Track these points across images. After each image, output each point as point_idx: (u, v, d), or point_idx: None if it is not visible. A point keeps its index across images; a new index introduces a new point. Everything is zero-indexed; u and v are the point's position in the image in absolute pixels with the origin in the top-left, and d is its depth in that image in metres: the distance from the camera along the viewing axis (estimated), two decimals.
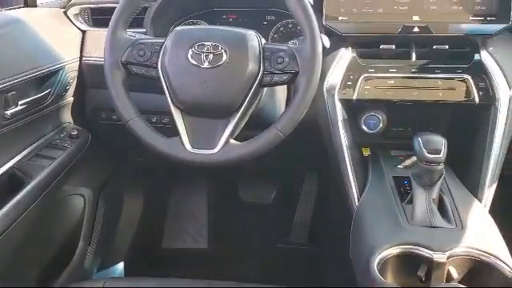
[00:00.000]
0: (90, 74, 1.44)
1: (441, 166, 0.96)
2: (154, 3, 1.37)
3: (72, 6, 1.49)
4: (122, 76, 1.06)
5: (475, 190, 1.11)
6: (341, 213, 1.23)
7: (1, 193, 1.14)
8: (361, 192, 1.14)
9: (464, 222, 0.96)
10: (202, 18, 1.50)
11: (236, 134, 1.04)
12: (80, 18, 1.49)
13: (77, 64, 1.42)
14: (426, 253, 0.89)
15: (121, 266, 1.78)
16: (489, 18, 1.14)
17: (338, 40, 1.21)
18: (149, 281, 1.20)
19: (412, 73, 1.17)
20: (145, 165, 1.86)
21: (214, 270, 1.78)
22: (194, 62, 1.01)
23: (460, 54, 1.18)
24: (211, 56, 1.00)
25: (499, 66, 1.14)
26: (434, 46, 1.18)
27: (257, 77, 1.01)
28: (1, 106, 1.14)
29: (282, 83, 1.03)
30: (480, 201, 1.09)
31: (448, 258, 0.88)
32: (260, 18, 1.48)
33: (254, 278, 1.69)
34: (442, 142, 0.96)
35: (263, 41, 1.05)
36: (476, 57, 1.16)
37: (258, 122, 1.07)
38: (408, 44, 1.19)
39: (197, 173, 2.01)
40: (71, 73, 1.39)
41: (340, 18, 1.19)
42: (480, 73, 1.14)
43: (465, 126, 1.21)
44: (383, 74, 1.18)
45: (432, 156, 0.95)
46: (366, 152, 1.27)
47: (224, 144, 1.01)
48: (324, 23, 1.19)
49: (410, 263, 0.90)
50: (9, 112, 1.15)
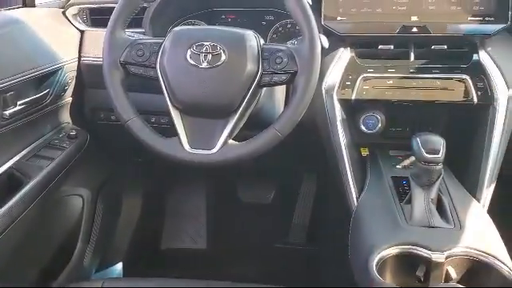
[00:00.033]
0: (88, 74, 1.44)
1: (439, 166, 0.96)
2: (152, 3, 1.37)
3: (70, 6, 1.48)
4: (121, 76, 1.06)
5: (474, 190, 1.11)
6: (339, 213, 1.23)
7: None
8: (359, 192, 1.14)
9: (462, 222, 0.96)
10: (201, 18, 1.50)
11: (235, 134, 1.04)
12: (78, 18, 1.49)
13: (75, 64, 1.42)
14: (424, 253, 0.89)
15: (119, 267, 1.78)
16: (487, 19, 1.14)
17: (337, 40, 1.21)
18: (147, 281, 1.20)
19: (410, 73, 1.17)
20: (143, 165, 1.85)
21: (212, 270, 1.78)
22: (192, 62, 1.01)
23: (458, 54, 1.18)
24: (210, 56, 1.00)
25: (497, 66, 1.14)
26: (432, 46, 1.18)
27: (255, 77, 1.01)
28: None
29: (281, 83, 1.03)
30: (478, 201, 1.09)
31: (446, 258, 0.88)
32: (259, 18, 1.48)
33: (252, 278, 1.69)
34: (440, 142, 0.96)
35: (262, 41, 1.05)
36: (474, 57, 1.16)
37: (256, 122, 1.07)
38: (406, 44, 1.19)
39: (195, 173, 2.01)
40: (70, 73, 1.39)
41: (339, 18, 1.19)
42: (478, 73, 1.14)
43: (463, 126, 1.21)
44: (382, 74, 1.18)
45: (430, 156, 0.95)
46: (365, 152, 1.27)
47: (223, 144, 1.01)
48: (323, 23, 1.19)
49: (408, 263, 0.90)
50: (7, 112, 1.15)
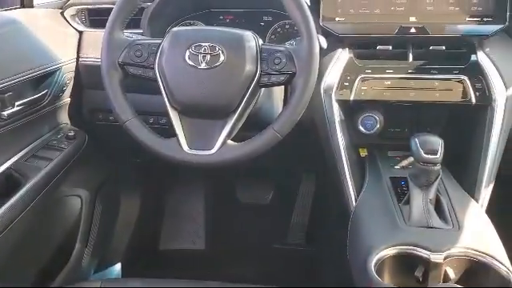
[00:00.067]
0: (86, 75, 1.44)
1: (438, 167, 0.96)
2: (150, 4, 1.37)
3: (69, 6, 1.48)
4: (119, 77, 1.06)
5: (472, 191, 1.11)
6: (338, 213, 1.23)
7: None
8: (358, 192, 1.14)
9: (461, 223, 0.96)
10: (199, 18, 1.50)
11: (233, 134, 1.04)
12: (77, 19, 1.49)
13: (74, 65, 1.42)
14: (423, 253, 0.89)
15: (118, 267, 1.78)
16: (485, 19, 1.14)
17: (335, 41, 1.21)
18: (146, 282, 1.20)
19: (409, 73, 1.17)
20: (142, 166, 1.85)
21: (211, 270, 1.78)
22: (191, 62, 1.01)
23: (457, 54, 1.18)
24: (208, 57, 1.00)
25: (496, 67, 1.14)
26: (430, 47, 1.18)
27: (254, 77, 1.01)
28: None
29: (279, 84, 1.03)
30: (477, 201, 1.09)
31: (445, 259, 0.88)
32: (257, 19, 1.48)
33: (251, 278, 1.69)
34: (438, 143, 0.96)
35: (260, 41, 1.05)
36: (472, 57, 1.17)
37: (255, 123, 1.07)
38: (405, 45, 1.19)
39: (194, 174, 2.01)
40: (68, 73, 1.39)
41: (337, 19, 1.20)
42: (476, 73, 1.15)
43: (461, 127, 1.21)
44: (380, 74, 1.18)
45: (429, 156, 0.95)
46: (363, 152, 1.27)
47: (221, 145, 1.01)
48: (321, 24, 1.19)
49: (407, 264, 0.90)
50: (5, 113, 1.15)
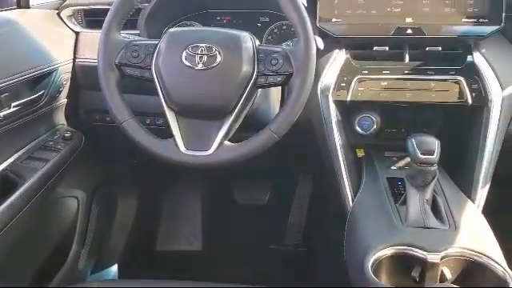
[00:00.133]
0: (83, 76, 1.44)
1: (434, 167, 0.96)
2: (147, 5, 1.37)
3: (65, 7, 1.48)
4: (116, 78, 1.06)
5: (468, 191, 1.11)
6: (335, 214, 1.23)
7: None
8: (355, 193, 1.14)
9: (457, 223, 0.97)
10: (196, 19, 1.50)
11: (230, 135, 1.04)
12: (73, 20, 1.49)
13: (70, 65, 1.42)
14: (419, 253, 0.89)
15: (115, 269, 1.77)
16: (481, 20, 1.14)
17: (332, 42, 1.21)
18: (143, 283, 1.19)
19: (405, 74, 1.17)
20: (139, 166, 1.85)
21: (208, 271, 1.77)
22: (187, 63, 1.01)
23: (453, 55, 1.18)
24: (205, 58, 1.00)
25: (492, 68, 1.15)
26: (427, 48, 1.18)
27: (251, 78, 1.01)
28: None
29: (276, 85, 1.03)
30: (473, 201, 1.10)
31: (442, 259, 0.88)
32: (254, 20, 1.48)
33: (248, 279, 1.68)
34: (435, 143, 0.96)
35: (257, 42, 1.05)
36: (469, 58, 1.17)
37: (252, 124, 1.07)
38: (401, 46, 1.19)
39: (191, 174, 2.00)
40: (65, 74, 1.38)
41: (333, 20, 1.20)
42: (473, 74, 1.15)
43: (458, 127, 1.21)
44: (377, 75, 1.18)
45: (425, 157, 0.95)
46: (360, 153, 1.27)
47: (218, 146, 1.01)
48: (318, 25, 1.19)
49: (404, 264, 0.90)
50: (1, 114, 1.14)
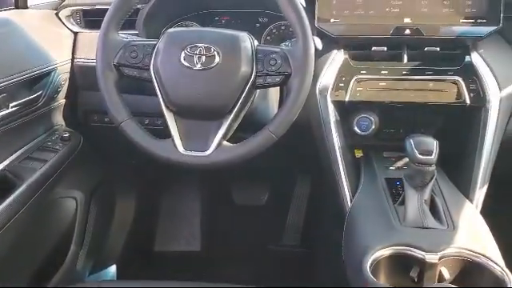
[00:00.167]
0: (81, 76, 1.44)
1: (432, 168, 0.96)
2: (146, 5, 1.37)
3: (64, 7, 1.48)
4: (115, 78, 1.06)
5: (467, 191, 1.11)
6: (333, 214, 1.23)
7: None
8: (353, 193, 1.14)
9: (456, 223, 0.97)
10: (195, 19, 1.49)
11: (229, 135, 1.04)
12: (72, 20, 1.48)
13: (69, 66, 1.42)
14: (418, 254, 0.89)
15: (113, 269, 1.77)
16: (479, 21, 1.15)
17: (330, 42, 1.21)
18: (141, 283, 1.19)
19: (404, 75, 1.18)
20: (137, 167, 1.85)
21: (206, 271, 1.77)
22: (186, 63, 1.01)
23: (451, 56, 1.19)
24: (204, 58, 1.00)
25: (489, 68, 1.15)
26: (425, 48, 1.18)
27: (249, 79, 1.01)
28: None
29: (275, 85, 1.04)
30: (471, 201, 1.10)
31: (440, 259, 0.88)
32: (253, 20, 1.48)
33: (246, 279, 1.68)
34: (433, 144, 0.96)
35: (256, 43, 1.05)
36: (467, 59, 1.17)
37: (250, 124, 1.07)
38: (399, 46, 1.19)
39: (190, 175, 2.00)
40: (63, 75, 1.38)
41: (332, 20, 1.20)
42: (471, 75, 1.15)
43: (456, 128, 1.21)
44: (375, 75, 1.18)
45: (424, 157, 0.95)
46: (359, 153, 1.27)
47: (217, 146, 1.01)
48: (316, 25, 1.19)
49: (402, 264, 0.90)
50: None
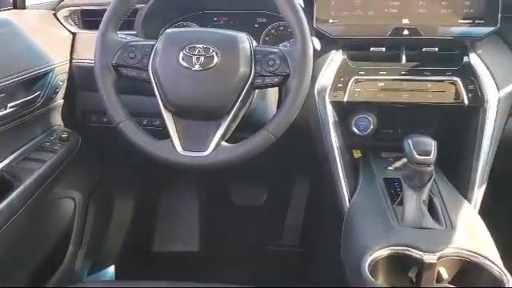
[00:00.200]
0: (80, 77, 1.43)
1: (431, 168, 0.96)
2: (144, 5, 1.37)
3: (62, 7, 1.48)
4: (113, 78, 1.06)
5: (465, 191, 1.12)
6: (332, 215, 1.23)
7: None
8: (351, 194, 1.14)
9: (454, 223, 0.97)
10: (193, 20, 1.49)
11: (227, 136, 1.04)
12: (70, 20, 1.48)
13: (67, 66, 1.41)
14: (416, 254, 0.89)
15: (112, 269, 1.77)
16: (477, 21, 1.15)
17: (329, 42, 1.21)
18: (140, 283, 1.19)
19: (402, 75, 1.18)
20: (135, 167, 1.85)
21: (205, 272, 1.77)
22: (185, 64, 1.01)
23: (449, 56, 1.19)
24: (202, 58, 1.00)
25: (488, 69, 1.15)
26: (423, 49, 1.19)
27: (248, 79, 1.01)
28: None
29: (273, 85, 1.04)
30: (470, 202, 1.10)
31: (438, 259, 0.88)
32: (251, 21, 1.48)
33: (245, 280, 1.68)
34: (431, 144, 0.96)
35: (254, 43, 1.05)
36: (465, 59, 1.17)
37: (249, 124, 1.07)
38: (398, 46, 1.20)
39: (188, 175, 2.00)
40: (61, 75, 1.38)
41: (330, 21, 1.20)
42: (469, 75, 1.15)
43: (454, 128, 1.22)
44: (373, 76, 1.18)
45: (422, 158, 0.95)
46: (357, 154, 1.28)
47: (215, 146, 1.01)
48: (315, 26, 1.19)
49: (400, 264, 0.90)
50: None
